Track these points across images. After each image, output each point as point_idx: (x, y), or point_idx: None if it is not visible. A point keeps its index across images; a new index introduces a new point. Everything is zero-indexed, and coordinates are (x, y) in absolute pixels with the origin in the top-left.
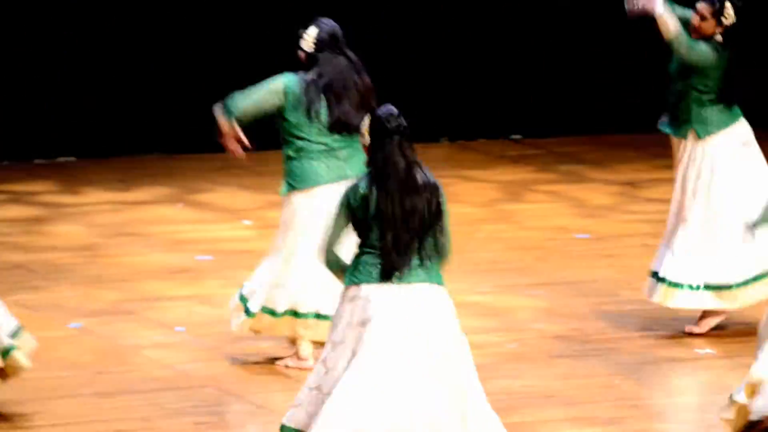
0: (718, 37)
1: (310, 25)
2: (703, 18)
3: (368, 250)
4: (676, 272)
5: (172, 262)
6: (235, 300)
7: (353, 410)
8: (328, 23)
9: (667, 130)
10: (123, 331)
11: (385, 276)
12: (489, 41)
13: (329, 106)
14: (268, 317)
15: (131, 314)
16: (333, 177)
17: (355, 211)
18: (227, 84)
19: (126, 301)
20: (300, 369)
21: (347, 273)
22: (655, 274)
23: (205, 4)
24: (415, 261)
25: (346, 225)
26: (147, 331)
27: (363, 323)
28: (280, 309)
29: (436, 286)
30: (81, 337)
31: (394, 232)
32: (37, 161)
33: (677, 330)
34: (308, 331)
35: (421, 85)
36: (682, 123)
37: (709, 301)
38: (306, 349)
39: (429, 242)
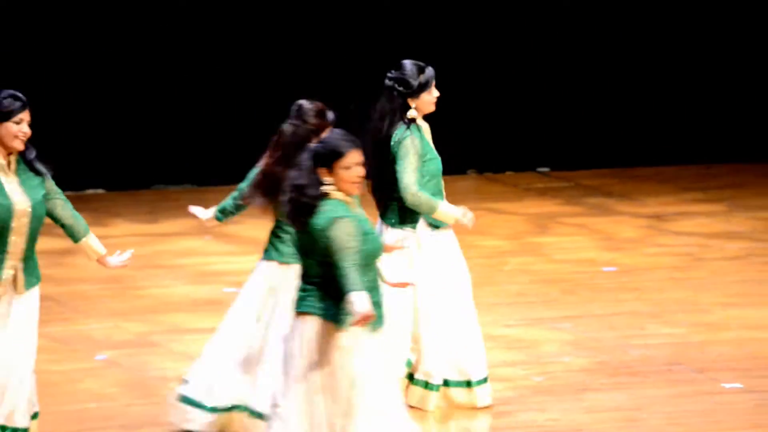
0: None
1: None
2: None
3: None
4: None
5: (199, 294)
6: None
7: None
8: None
9: None
10: (149, 363)
11: None
12: (516, 75)
13: None
14: None
15: (158, 346)
16: None
17: None
18: (253, 118)
19: (153, 333)
20: None
21: None
22: None
23: (231, 40)
24: None
25: None
26: (173, 363)
27: None
28: None
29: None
30: (108, 369)
31: None
32: (66, 193)
33: (704, 363)
34: None
35: (450, 118)
36: None
37: None
38: None
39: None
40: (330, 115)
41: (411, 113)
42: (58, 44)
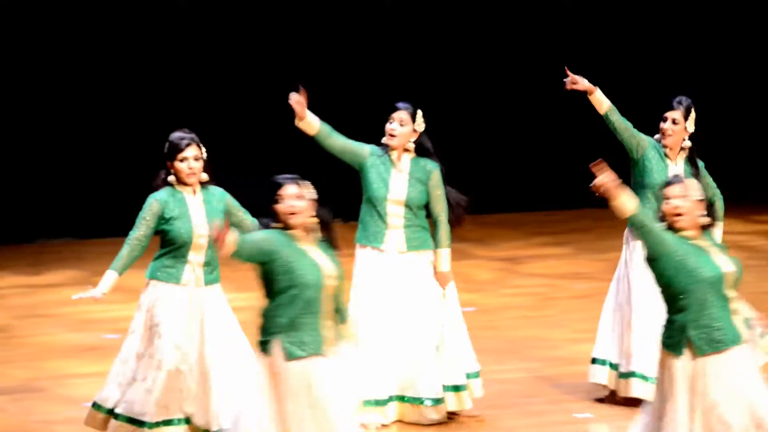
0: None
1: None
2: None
3: None
4: None
5: (80, 341)
6: None
7: None
8: None
9: None
10: (34, 408)
11: None
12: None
13: None
14: None
15: (42, 391)
16: None
17: None
18: (133, 174)
19: (36, 378)
20: None
21: None
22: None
23: (110, 98)
24: None
25: None
26: (57, 407)
27: None
28: None
29: None
30: None
31: None
32: None
33: (557, 396)
34: None
35: (320, 167)
36: None
37: None
38: None
39: None
40: (178, 146)
41: (384, 139)
42: None
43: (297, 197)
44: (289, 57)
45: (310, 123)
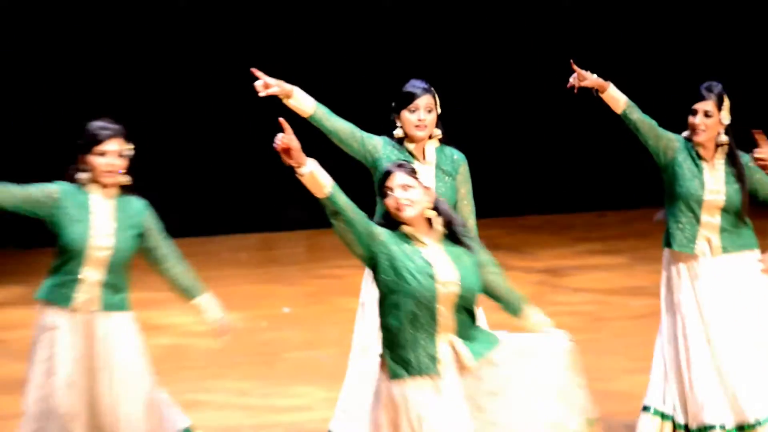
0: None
1: None
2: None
3: None
4: None
5: (25, 374)
6: None
7: None
8: None
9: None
10: None
11: None
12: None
13: None
14: None
15: None
16: None
17: None
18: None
19: None
20: None
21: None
22: None
23: (57, 105)
24: None
25: None
26: None
27: None
28: None
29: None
30: None
31: None
32: None
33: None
34: None
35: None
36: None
37: None
38: None
39: None
40: (97, 137)
41: (396, 131)
42: None
43: (404, 187)
44: (288, 57)
45: (300, 101)
